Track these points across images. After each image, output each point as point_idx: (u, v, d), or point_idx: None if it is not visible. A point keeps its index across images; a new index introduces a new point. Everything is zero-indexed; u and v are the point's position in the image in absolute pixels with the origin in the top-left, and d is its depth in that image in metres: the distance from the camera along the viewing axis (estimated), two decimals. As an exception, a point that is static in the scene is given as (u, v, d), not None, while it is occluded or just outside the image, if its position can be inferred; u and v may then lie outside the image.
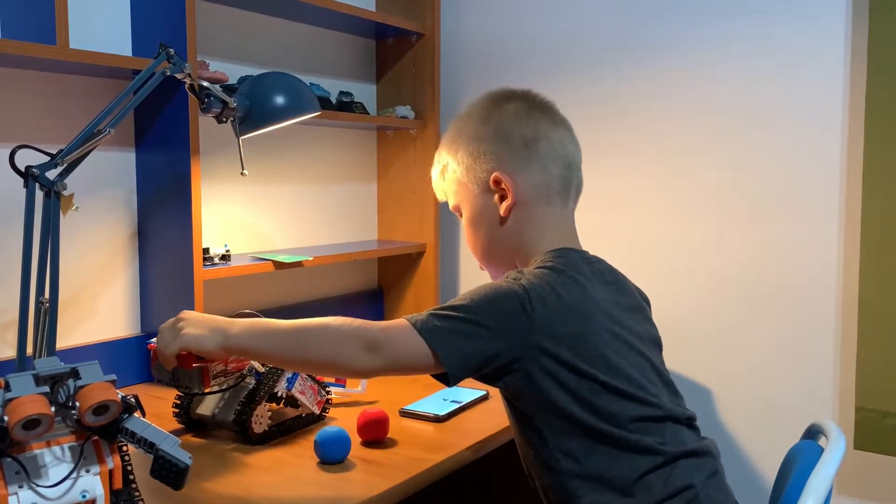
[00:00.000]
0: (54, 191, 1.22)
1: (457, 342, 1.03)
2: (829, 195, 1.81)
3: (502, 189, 1.20)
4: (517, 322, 1.04)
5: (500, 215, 1.21)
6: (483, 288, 1.08)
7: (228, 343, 1.08)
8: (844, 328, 1.80)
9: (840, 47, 1.78)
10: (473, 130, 1.23)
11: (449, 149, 1.26)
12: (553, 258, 1.14)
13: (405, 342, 1.03)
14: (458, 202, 1.27)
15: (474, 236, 1.26)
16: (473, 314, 1.04)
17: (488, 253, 1.26)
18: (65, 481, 0.84)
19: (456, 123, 1.28)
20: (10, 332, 1.50)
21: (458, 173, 1.24)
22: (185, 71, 1.41)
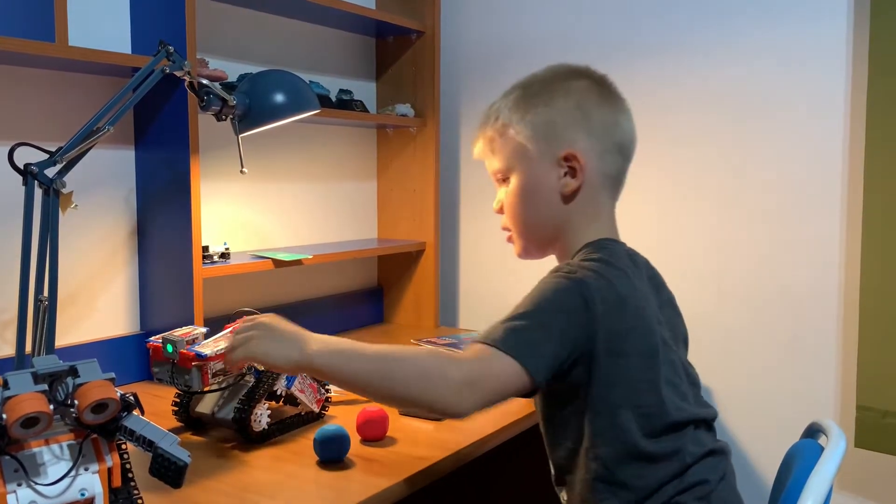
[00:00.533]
0: (53, 189, 1.22)
1: (537, 351, 1.00)
2: (830, 195, 1.81)
3: (572, 167, 1.13)
4: (581, 318, 1.02)
5: (560, 193, 1.14)
6: (543, 289, 1.05)
7: (304, 361, 1.03)
8: (845, 327, 1.80)
9: (841, 47, 1.78)
10: (552, 99, 1.16)
11: (515, 109, 1.17)
12: (599, 249, 1.11)
13: (499, 368, 0.98)
14: (510, 167, 1.17)
15: (521, 207, 1.17)
16: (542, 317, 1.02)
17: (531, 228, 1.19)
18: (63, 479, 0.84)
19: (528, 88, 1.20)
20: (9, 330, 1.50)
21: (523, 137, 1.15)
22: (185, 69, 1.41)
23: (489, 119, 1.22)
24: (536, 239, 1.19)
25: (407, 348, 1.03)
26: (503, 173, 1.19)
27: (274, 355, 1.04)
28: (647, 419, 1.05)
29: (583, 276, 1.04)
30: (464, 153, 2.41)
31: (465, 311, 2.46)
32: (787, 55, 1.85)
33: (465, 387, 0.97)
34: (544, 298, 1.03)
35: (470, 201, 2.42)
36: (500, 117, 1.19)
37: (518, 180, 1.17)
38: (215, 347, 1.26)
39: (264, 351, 1.05)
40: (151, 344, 1.28)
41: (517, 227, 1.20)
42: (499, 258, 2.37)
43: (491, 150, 1.21)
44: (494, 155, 1.20)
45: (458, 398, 0.97)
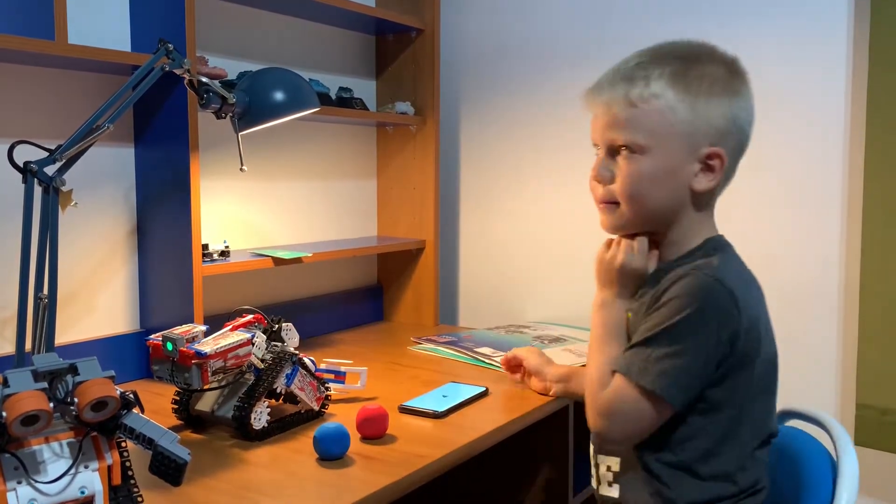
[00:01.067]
0: (53, 187, 1.22)
1: (683, 383, 1.02)
2: (830, 192, 1.81)
3: (711, 166, 1.08)
4: (732, 323, 1.02)
5: (689, 187, 1.09)
6: (694, 296, 1.02)
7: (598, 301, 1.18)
8: (845, 325, 1.80)
9: (842, 44, 1.78)
10: (712, 88, 1.07)
11: (673, 84, 1.06)
12: (722, 250, 1.12)
13: (638, 404, 1.04)
14: (647, 144, 1.07)
15: (648, 189, 1.09)
16: (690, 342, 1.02)
17: (649, 213, 1.11)
18: (63, 477, 0.84)
19: (691, 66, 1.08)
20: (8, 328, 1.50)
21: (677, 120, 1.06)
22: (185, 66, 1.41)
23: (635, 80, 1.07)
24: (646, 222, 1.13)
25: (604, 352, 1.12)
26: (634, 146, 1.08)
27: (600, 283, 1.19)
28: (757, 429, 1.10)
29: (724, 279, 1.03)
30: (464, 151, 2.41)
31: (464, 310, 2.46)
32: (786, 53, 1.85)
33: (603, 417, 1.07)
34: (701, 313, 1.02)
35: (470, 199, 2.42)
36: (652, 86, 1.06)
37: (653, 162, 1.07)
38: (215, 345, 1.26)
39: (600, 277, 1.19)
40: (151, 342, 1.28)
41: (633, 206, 1.11)
42: (499, 256, 2.37)
43: (624, 115, 1.08)
44: (626, 123, 1.08)
45: (601, 423, 1.08)
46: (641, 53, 1.12)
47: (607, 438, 1.10)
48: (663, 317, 1.04)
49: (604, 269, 1.17)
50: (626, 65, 1.10)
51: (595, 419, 1.09)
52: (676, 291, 1.04)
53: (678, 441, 1.07)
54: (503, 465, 1.76)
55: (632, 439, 1.08)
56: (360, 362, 1.63)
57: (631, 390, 1.04)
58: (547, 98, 2.23)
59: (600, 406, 1.07)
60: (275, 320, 1.43)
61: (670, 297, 1.04)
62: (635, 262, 1.14)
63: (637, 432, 1.06)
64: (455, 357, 1.90)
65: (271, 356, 1.37)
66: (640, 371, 1.04)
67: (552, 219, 2.26)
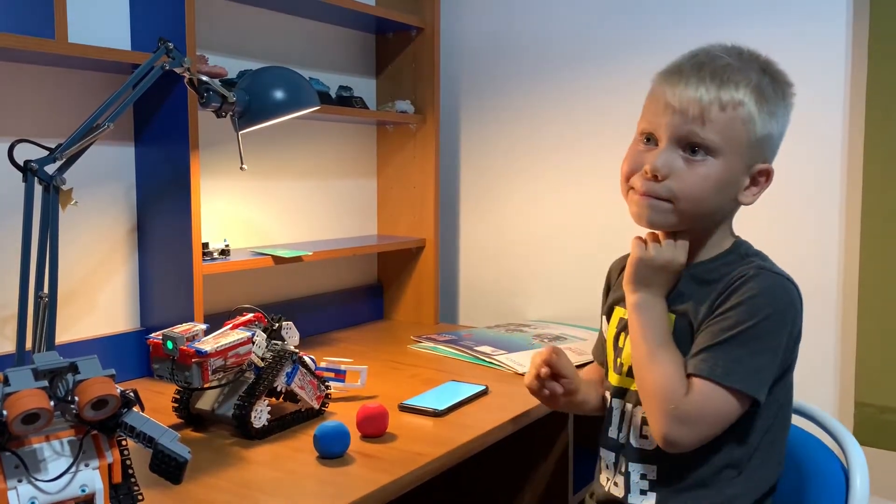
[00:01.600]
0: (53, 185, 1.22)
1: (762, 375, 1.03)
2: (829, 192, 1.81)
3: (760, 182, 1.10)
4: (799, 321, 1.06)
5: (736, 198, 1.10)
6: (773, 295, 1.04)
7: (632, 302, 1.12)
8: (844, 324, 1.80)
9: (840, 44, 1.78)
10: (784, 108, 1.10)
11: (758, 97, 1.06)
12: (753, 251, 1.14)
13: (718, 403, 1.02)
14: (719, 148, 1.05)
15: (709, 193, 1.07)
16: (767, 340, 1.03)
17: (701, 214, 1.09)
18: (64, 475, 0.84)
19: (772, 79, 1.10)
20: (9, 327, 1.51)
21: (752, 131, 1.06)
22: (185, 65, 1.41)
23: (725, 83, 1.06)
24: (693, 223, 1.11)
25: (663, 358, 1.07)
26: (712, 148, 1.05)
27: (637, 283, 1.12)
28: (786, 426, 1.12)
29: (784, 273, 1.07)
30: (464, 149, 2.42)
31: (464, 308, 2.46)
32: (785, 53, 1.85)
33: (685, 424, 1.02)
34: (774, 308, 1.03)
35: (470, 198, 2.42)
36: (741, 92, 1.05)
37: (723, 167, 1.06)
38: (215, 344, 1.26)
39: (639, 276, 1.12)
40: (151, 340, 1.29)
41: (692, 207, 1.08)
42: (499, 254, 2.37)
43: (713, 116, 1.05)
44: (711, 123, 1.05)
45: (681, 430, 1.03)
46: (727, 51, 1.10)
47: (683, 444, 1.03)
48: (741, 317, 1.03)
49: (643, 267, 1.11)
50: (714, 63, 1.08)
51: (672, 426, 1.02)
52: (752, 292, 1.04)
53: (735, 438, 1.07)
54: (503, 463, 1.76)
55: (705, 440, 1.04)
56: (360, 361, 1.63)
57: (719, 393, 1.01)
58: (547, 96, 2.23)
59: (685, 413, 1.02)
60: (275, 319, 1.43)
61: (745, 298, 1.04)
62: (680, 259, 1.10)
63: (716, 433, 1.04)
64: (455, 356, 1.90)
65: (271, 355, 1.37)
66: (726, 373, 1.01)
67: (552, 217, 2.26)
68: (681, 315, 1.11)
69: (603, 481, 1.19)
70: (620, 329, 1.19)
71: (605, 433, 1.20)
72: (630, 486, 1.12)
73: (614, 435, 1.17)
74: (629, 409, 1.15)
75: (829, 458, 1.19)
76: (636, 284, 1.12)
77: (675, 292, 1.12)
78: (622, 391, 1.18)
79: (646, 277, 1.11)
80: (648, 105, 1.14)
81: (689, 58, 1.11)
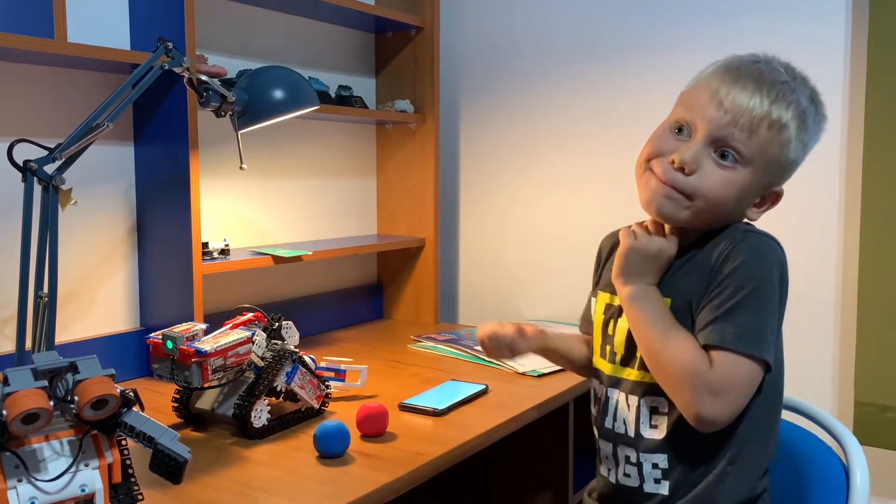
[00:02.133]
0: (53, 185, 1.22)
1: (769, 338, 1.03)
2: (828, 192, 1.81)
3: (769, 202, 1.13)
4: (786, 278, 1.07)
5: (745, 212, 1.12)
6: (762, 257, 1.05)
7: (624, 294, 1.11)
8: (844, 324, 1.80)
9: (840, 46, 1.78)
10: (813, 141, 1.11)
11: (800, 122, 1.07)
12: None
13: (741, 371, 1.02)
14: (750, 160, 1.06)
15: (730, 200, 1.07)
16: (766, 299, 1.03)
17: (715, 216, 1.09)
18: (64, 475, 0.84)
19: (816, 108, 1.11)
20: (9, 327, 1.50)
21: (787, 150, 1.07)
22: (184, 65, 1.41)
23: (779, 101, 1.06)
24: (707, 222, 1.11)
25: (677, 340, 1.05)
26: (744, 156, 1.06)
27: (627, 274, 1.11)
28: (781, 388, 1.12)
29: (777, 243, 1.08)
30: (463, 148, 2.42)
31: (464, 307, 2.46)
32: (785, 54, 1.85)
33: (717, 396, 1.01)
34: (768, 274, 1.04)
35: (469, 197, 2.42)
36: (789, 113, 1.06)
37: (745, 178, 1.07)
38: (215, 344, 1.26)
39: (630, 267, 1.11)
40: (151, 340, 1.29)
41: (706, 206, 1.08)
42: (498, 254, 2.37)
43: (758, 126, 1.05)
44: (753, 135, 1.05)
45: (714, 404, 1.01)
46: (785, 67, 1.11)
47: (718, 418, 1.02)
48: (739, 283, 1.03)
49: (636, 257, 1.11)
50: (773, 76, 1.08)
51: (705, 402, 1.01)
52: (742, 256, 1.05)
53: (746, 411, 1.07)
54: (503, 462, 1.76)
55: (738, 412, 1.04)
56: (360, 360, 1.63)
57: (737, 360, 1.01)
58: (547, 95, 2.23)
59: (714, 385, 1.01)
60: (275, 318, 1.43)
61: (737, 263, 1.04)
62: (672, 248, 1.11)
63: (745, 403, 1.04)
64: (455, 355, 1.90)
65: (271, 354, 1.37)
66: (738, 340, 1.01)
67: (552, 216, 2.26)
68: (676, 297, 1.10)
69: (604, 472, 1.19)
70: (609, 317, 1.19)
71: (601, 424, 1.19)
72: (644, 476, 1.12)
73: (610, 425, 1.17)
74: (622, 398, 1.15)
75: (829, 457, 1.19)
76: (627, 276, 1.12)
77: (670, 278, 1.12)
78: (616, 380, 1.17)
79: (637, 267, 1.11)
80: (693, 95, 1.11)
81: (750, 62, 1.10)
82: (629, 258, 1.11)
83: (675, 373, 1.04)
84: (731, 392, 1.02)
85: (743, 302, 1.02)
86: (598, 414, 1.20)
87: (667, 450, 1.10)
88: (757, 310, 1.03)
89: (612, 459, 1.17)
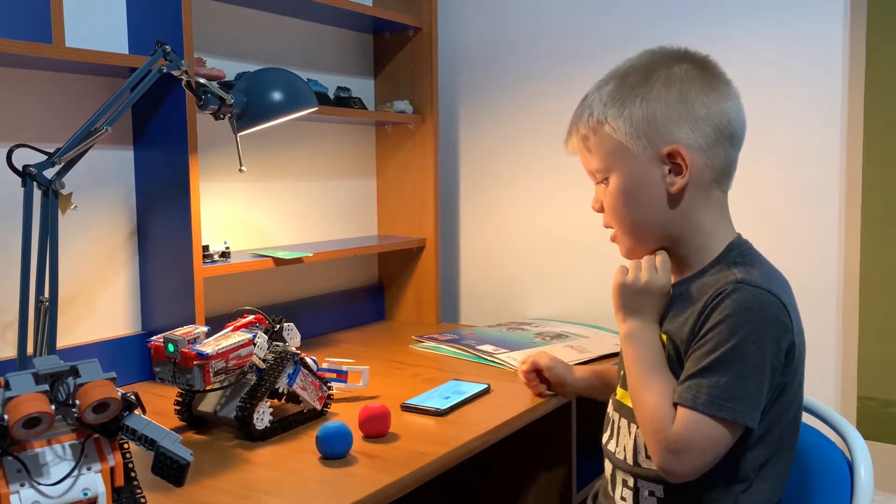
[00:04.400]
0: (52, 190, 1.22)
1: (748, 399, 0.99)
2: (829, 187, 1.81)
3: (677, 164, 1.07)
4: (787, 333, 1.01)
5: (668, 192, 1.08)
6: (749, 311, 1.00)
7: (623, 333, 1.12)
8: (846, 318, 1.80)
9: (838, 45, 1.78)
10: (652, 91, 1.08)
11: (611, 104, 1.10)
12: (747, 252, 1.11)
13: (704, 433, 0.99)
14: (608, 166, 1.11)
15: (625, 208, 1.11)
16: (750, 363, 0.99)
17: (640, 229, 1.12)
18: (66, 479, 0.84)
19: (624, 79, 1.11)
20: (10, 332, 1.51)
21: (622, 134, 1.08)
22: (182, 68, 1.41)
23: (582, 114, 1.15)
24: (645, 239, 1.13)
25: (654, 387, 1.05)
26: (602, 173, 1.13)
27: (624, 311, 1.12)
28: (794, 440, 1.10)
29: (775, 291, 1.02)
30: (463, 148, 2.41)
31: (465, 308, 2.46)
32: (785, 52, 1.85)
33: (674, 455, 1.01)
34: (757, 331, 0.99)
35: (470, 197, 2.42)
36: (595, 112, 1.12)
37: (619, 180, 1.10)
38: (216, 346, 1.26)
39: (624, 303, 1.12)
40: (153, 343, 1.29)
41: (622, 228, 1.14)
42: (499, 253, 2.37)
43: (586, 147, 1.14)
44: (591, 153, 1.14)
45: (672, 460, 1.01)
46: (597, 84, 1.18)
47: (679, 474, 1.02)
48: (720, 338, 1.00)
49: (626, 293, 1.11)
50: (581, 101, 1.17)
51: (665, 457, 1.01)
52: (728, 310, 1.00)
53: (742, 458, 1.05)
54: (506, 462, 1.76)
55: (704, 470, 1.01)
56: (361, 361, 1.63)
57: (703, 422, 0.99)
58: (546, 95, 2.23)
59: (672, 444, 1.00)
60: (276, 320, 1.43)
61: (722, 317, 1.00)
62: (661, 280, 1.10)
63: (711, 462, 1.01)
64: (457, 355, 1.90)
65: (273, 356, 1.37)
66: (710, 402, 0.99)
67: (552, 215, 2.26)
68: (670, 336, 1.09)
69: (610, 490, 1.18)
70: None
71: (606, 442, 1.20)
72: (639, 502, 1.12)
73: (612, 448, 1.18)
74: (625, 424, 1.15)
75: (833, 452, 1.19)
76: (625, 312, 1.12)
77: (667, 313, 1.12)
78: (621, 405, 1.17)
79: (632, 303, 1.11)
80: None
81: (575, 112, 1.20)
82: (620, 294, 1.13)
83: (643, 422, 1.06)
84: (690, 451, 1.00)
85: (722, 359, 1.00)
86: (606, 433, 1.22)
87: (663, 481, 1.08)
88: (735, 368, 0.99)
89: (611, 481, 1.18)
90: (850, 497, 1.11)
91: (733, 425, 1.00)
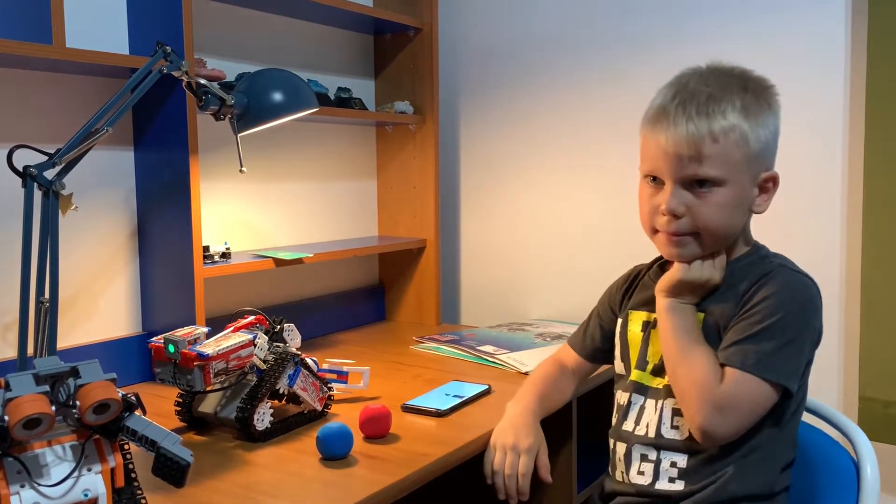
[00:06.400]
0: (53, 190, 1.22)
1: (790, 367, 1.07)
2: (831, 189, 1.81)
3: (769, 189, 1.15)
4: (820, 314, 1.11)
5: (751, 210, 1.15)
6: (794, 291, 1.10)
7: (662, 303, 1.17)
8: (847, 319, 1.79)
9: (840, 42, 1.78)
10: (770, 114, 1.13)
11: (746, 115, 1.09)
12: (770, 252, 1.19)
13: (751, 392, 1.06)
14: (725, 175, 1.09)
15: (728, 220, 1.12)
16: (795, 329, 1.07)
17: (727, 239, 1.15)
18: (67, 480, 0.84)
19: (755, 94, 1.13)
20: (10, 333, 1.50)
21: (750, 150, 1.09)
22: (183, 68, 1.41)
23: (713, 115, 1.09)
24: (728, 240, 1.16)
25: (699, 352, 1.10)
26: (717, 180, 1.09)
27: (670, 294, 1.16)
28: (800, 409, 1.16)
29: (813, 283, 1.12)
30: (463, 149, 2.41)
31: (466, 308, 2.46)
32: (785, 51, 1.85)
33: (720, 412, 1.06)
34: (799, 305, 1.09)
35: (470, 198, 2.42)
36: (729, 118, 1.09)
37: (731, 192, 1.10)
38: (217, 347, 1.26)
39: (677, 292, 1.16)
40: (153, 344, 1.28)
41: (714, 237, 1.13)
42: (500, 254, 2.37)
43: (709, 151, 1.08)
44: (708, 157, 1.08)
45: (717, 418, 1.06)
46: (703, 80, 1.14)
47: (719, 435, 1.07)
48: (767, 311, 1.08)
49: (683, 286, 1.15)
50: (696, 98, 1.10)
51: (710, 416, 1.06)
52: (775, 287, 1.10)
53: (765, 428, 1.11)
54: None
55: (741, 433, 1.08)
56: (362, 362, 1.63)
57: (752, 381, 1.06)
58: (546, 95, 2.23)
59: (720, 400, 1.06)
60: (276, 321, 1.43)
61: (769, 293, 1.09)
62: (717, 278, 1.15)
63: (749, 424, 1.08)
64: (457, 356, 1.89)
65: (273, 357, 1.37)
66: (758, 363, 1.06)
67: (553, 215, 2.26)
68: (708, 314, 1.15)
69: (618, 476, 1.21)
70: (647, 331, 1.23)
71: (619, 426, 1.22)
72: (659, 474, 1.15)
73: (629, 428, 1.20)
74: (651, 403, 1.18)
75: (839, 452, 1.20)
76: (671, 294, 1.17)
77: (708, 295, 1.17)
78: (644, 388, 1.21)
79: (683, 291, 1.16)
80: (644, 148, 1.17)
81: (671, 97, 1.14)
82: (678, 286, 1.16)
83: (688, 384, 1.09)
84: (735, 410, 1.06)
85: (768, 329, 1.07)
86: (617, 419, 1.23)
87: (687, 450, 1.13)
88: (780, 338, 1.07)
89: (625, 461, 1.19)
90: (857, 495, 1.11)
91: (775, 388, 1.06)
